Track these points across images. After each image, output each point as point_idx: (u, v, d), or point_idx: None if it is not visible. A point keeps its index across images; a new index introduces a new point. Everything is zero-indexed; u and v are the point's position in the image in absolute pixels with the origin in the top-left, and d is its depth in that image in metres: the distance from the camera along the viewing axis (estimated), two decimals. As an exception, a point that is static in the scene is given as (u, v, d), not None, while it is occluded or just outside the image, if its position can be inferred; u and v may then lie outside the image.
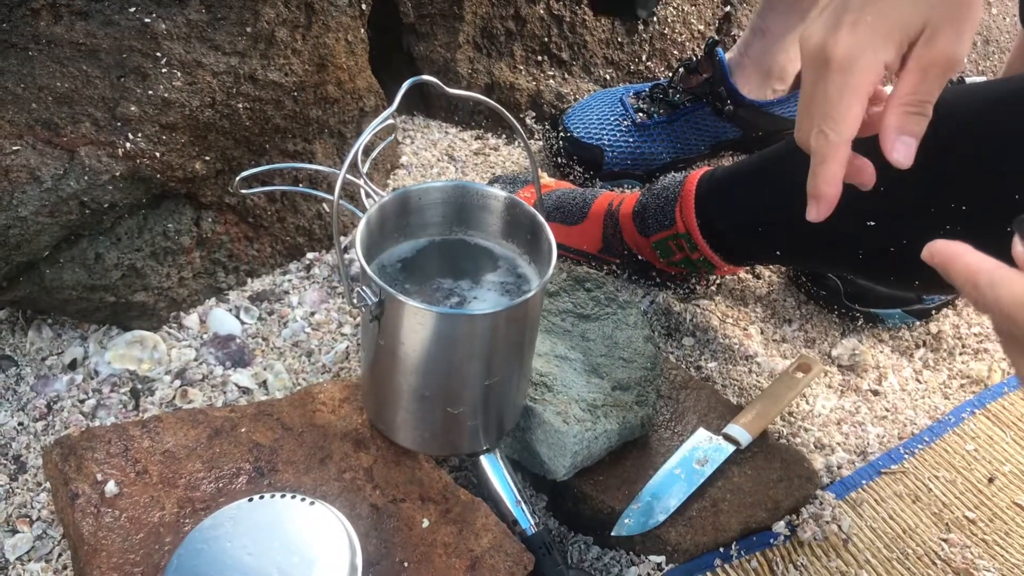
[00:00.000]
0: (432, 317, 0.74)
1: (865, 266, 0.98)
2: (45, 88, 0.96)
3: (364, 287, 0.75)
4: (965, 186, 0.83)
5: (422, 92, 1.50)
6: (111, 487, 0.79)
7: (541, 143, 1.46)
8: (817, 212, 0.70)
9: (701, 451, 0.95)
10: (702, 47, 1.55)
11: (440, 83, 0.75)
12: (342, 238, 1.23)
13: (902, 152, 0.67)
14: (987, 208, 0.82)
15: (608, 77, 1.53)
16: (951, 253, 0.59)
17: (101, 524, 0.77)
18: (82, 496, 0.78)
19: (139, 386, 1.01)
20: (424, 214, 0.85)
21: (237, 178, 0.83)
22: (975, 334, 1.21)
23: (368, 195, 0.84)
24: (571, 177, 1.38)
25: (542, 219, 0.81)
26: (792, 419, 1.07)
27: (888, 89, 0.69)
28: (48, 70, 0.96)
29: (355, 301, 0.75)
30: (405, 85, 0.73)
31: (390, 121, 0.78)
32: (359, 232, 0.77)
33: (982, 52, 1.73)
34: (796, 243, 1.02)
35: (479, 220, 0.86)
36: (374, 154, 0.92)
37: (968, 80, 1.66)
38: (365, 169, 0.85)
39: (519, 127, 0.82)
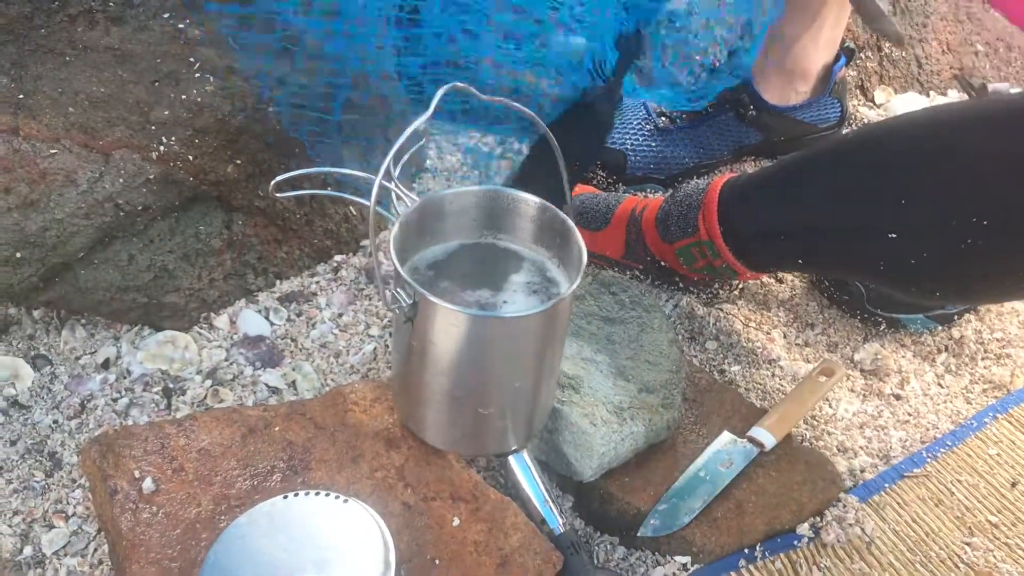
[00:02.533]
0: (465, 319, 0.75)
1: (886, 277, 0.99)
2: (81, 92, 0.98)
3: (398, 289, 0.76)
4: (985, 201, 0.84)
5: (446, 97, 1.51)
6: (148, 484, 0.81)
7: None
8: None
9: (726, 453, 0.96)
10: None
11: (473, 89, 0.77)
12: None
13: None
14: (1007, 223, 0.83)
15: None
16: None
17: (139, 520, 0.78)
18: (120, 492, 0.80)
19: (171, 385, 1.03)
20: (456, 218, 0.86)
21: (272, 183, 0.84)
22: (997, 339, 1.21)
23: (399, 198, 0.86)
24: (594, 182, 1.39)
25: (572, 224, 0.82)
26: (815, 423, 1.08)
27: None
28: (84, 75, 0.98)
29: (389, 302, 0.77)
30: (440, 91, 0.74)
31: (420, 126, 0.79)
32: (394, 235, 0.79)
33: (1004, 58, 1.73)
34: (818, 252, 1.03)
35: (510, 224, 0.87)
36: (405, 158, 0.94)
37: (991, 87, 1.66)
38: (396, 173, 0.87)
39: (548, 130, 0.83)
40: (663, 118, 1.38)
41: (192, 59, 1.01)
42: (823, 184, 1.00)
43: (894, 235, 0.90)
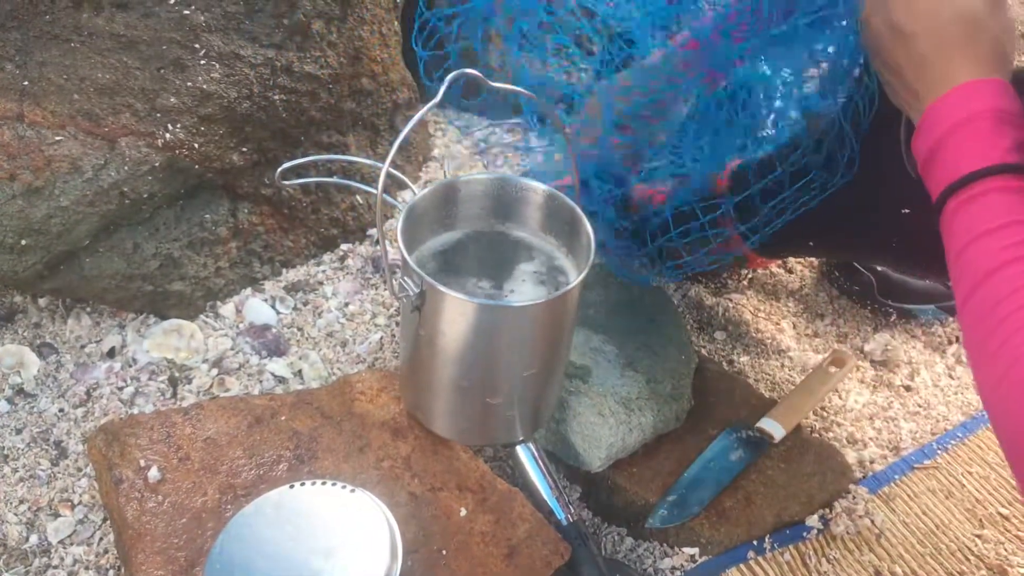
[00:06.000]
0: (473, 308, 0.75)
1: (900, 255, 0.98)
2: (87, 79, 0.97)
3: (405, 277, 0.76)
4: None
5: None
6: (154, 473, 0.80)
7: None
8: None
9: (735, 444, 0.95)
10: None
11: (482, 76, 0.76)
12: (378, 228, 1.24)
13: None
14: None
15: (639, 70, 1.53)
16: None
17: (145, 509, 0.78)
18: (126, 481, 0.80)
19: (177, 374, 1.02)
20: (464, 206, 0.86)
21: (278, 170, 0.83)
22: (1008, 330, 1.20)
23: (406, 187, 0.85)
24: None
25: (581, 212, 0.81)
26: (824, 414, 1.07)
27: None
28: (89, 61, 0.98)
29: (396, 291, 0.76)
30: (449, 77, 0.73)
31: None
32: (401, 223, 0.78)
33: (1019, 45, 1.71)
34: (830, 232, 1.02)
35: (518, 212, 0.86)
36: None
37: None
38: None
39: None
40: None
41: (197, 46, 1.00)
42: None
43: (908, 210, 0.89)
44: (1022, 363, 0.57)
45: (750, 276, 1.24)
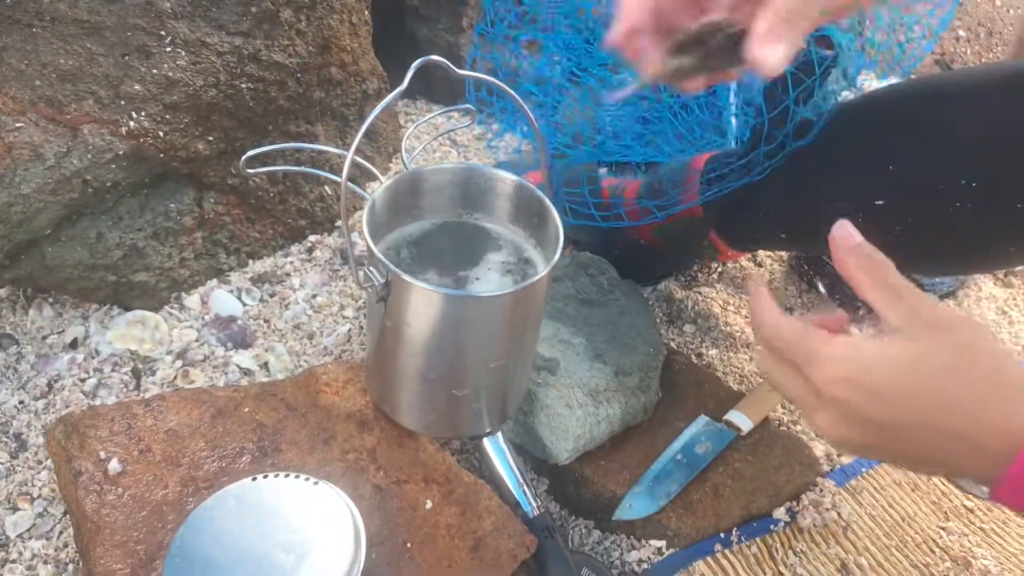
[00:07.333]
0: (439, 298, 0.74)
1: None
2: (49, 65, 0.95)
3: (371, 268, 0.75)
4: (971, 163, 0.83)
5: (424, 76, 1.49)
6: (114, 465, 0.79)
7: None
8: None
9: (702, 437, 0.95)
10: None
11: (450, 64, 0.75)
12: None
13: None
14: (995, 184, 0.82)
15: (612, 63, 1.52)
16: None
17: (104, 502, 0.77)
18: (85, 474, 0.78)
19: (140, 366, 1.01)
20: (432, 196, 0.85)
21: (243, 158, 0.82)
22: (975, 325, 1.21)
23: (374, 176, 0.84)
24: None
25: (550, 203, 0.81)
26: (792, 407, 1.08)
27: None
28: (52, 47, 0.96)
29: (362, 282, 0.75)
30: (415, 64, 0.73)
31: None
32: (366, 212, 0.77)
33: (985, 44, 1.73)
34: (803, 225, 1.02)
35: (487, 203, 0.86)
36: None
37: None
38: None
39: (527, 109, 0.81)
40: (644, 101, 1.37)
41: (163, 32, 0.98)
42: (808, 153, 0.99)
43: (881, 202, 0.89)
44: None
45: (720, 270, 1.24)
